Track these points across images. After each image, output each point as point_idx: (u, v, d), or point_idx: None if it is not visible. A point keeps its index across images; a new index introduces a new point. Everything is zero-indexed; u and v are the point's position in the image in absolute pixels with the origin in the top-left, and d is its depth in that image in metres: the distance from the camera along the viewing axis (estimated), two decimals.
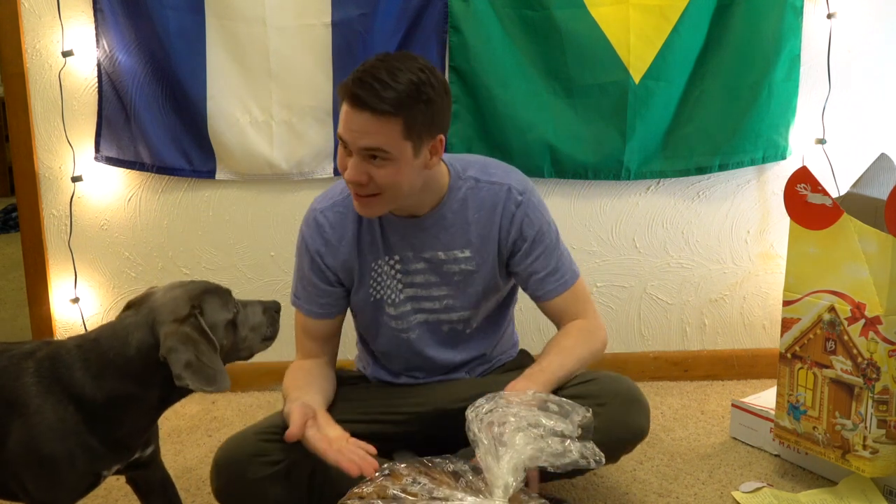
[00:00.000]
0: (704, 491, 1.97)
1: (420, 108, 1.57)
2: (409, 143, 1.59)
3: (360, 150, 1.58)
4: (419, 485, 1.48)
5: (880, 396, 1.82)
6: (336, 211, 1.79)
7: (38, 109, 2.49)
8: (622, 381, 1.73)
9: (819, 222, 1.89)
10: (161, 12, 2.38)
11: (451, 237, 1.76)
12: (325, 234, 1.79)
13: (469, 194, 1.76)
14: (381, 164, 1.58)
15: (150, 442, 1.60)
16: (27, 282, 2.58)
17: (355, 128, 1.57)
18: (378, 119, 1.54)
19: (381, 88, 1.53)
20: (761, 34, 2.43)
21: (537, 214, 1.78)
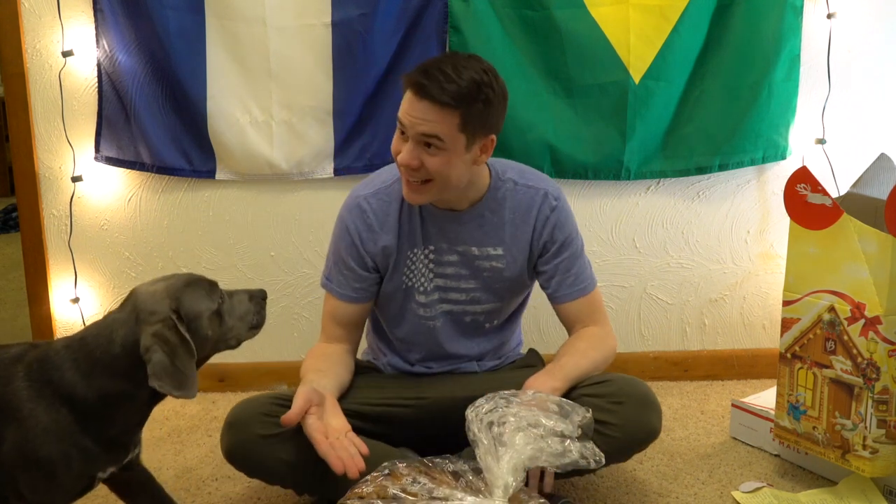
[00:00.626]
0: (704, 491, 1.97)
1: (478, 106, 1.66)
2: (463, 137, 1.67)
3: (417, 136, 1.66)
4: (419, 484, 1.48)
5: (880, 396, 1.82)
6: (379, 198, 1.85)
7: (38, 109, 2.49)
8: (637, 382, 1.79)
9: (819, 222, 1.89)
10: (161, 12, 2.38)
11: (486, 234, 1.84)
12: (367, 220, 1.84)
13: (507, 195, 1.85)
14: (434, 153, 1.67)
15: (139, 442, 1.61)
16: (27, 282, 2.57)
17: (416, 114, 1.64)
18: (438, 109, 1.63)
19: (445, 81, 1.62)
20: (761, 34, 2.43)
21: (568, 221, 1.89)
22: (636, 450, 1.80)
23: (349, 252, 1.85)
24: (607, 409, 1.70)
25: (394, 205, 1.84)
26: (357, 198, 1.87)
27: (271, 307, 2.58)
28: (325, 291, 1.92)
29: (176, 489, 2.03)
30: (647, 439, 1.77)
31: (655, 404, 1.77)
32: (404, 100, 1.68)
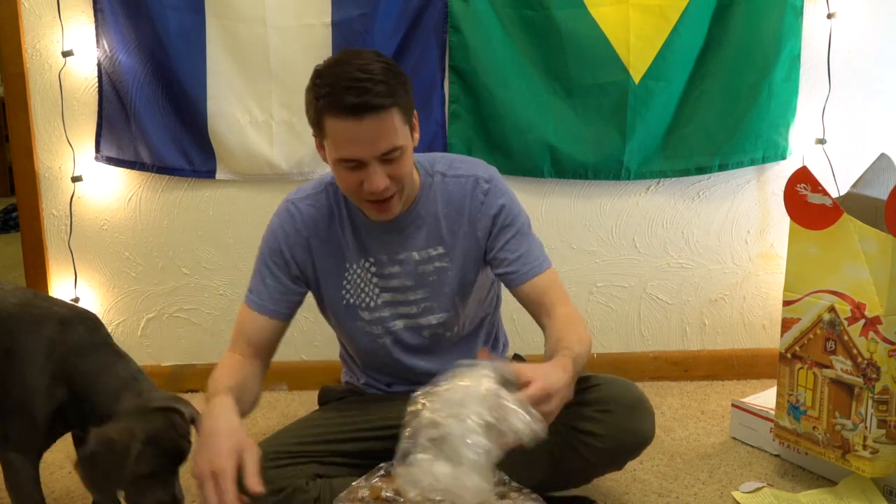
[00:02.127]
0: (704, 491, 1.97)
1: (401, 89, 1.55)
2: (407, 128, 1.58)
3: (378, 157, 1.53)
4: None
5: (880, 396, 1.82)
6: (308, 204, 1.74)
7: (38, 109, 2.49)
8: (626, 385, 1.68)
9: (819, 222, 1.89)
10: (161, 12, 2.38)
11: (425, 236, 1.73)
12: (295, 225, 1.73)
13: (438, 189, 1.73)
14: (397, 161, 1.56)
15: None
16: (27, 282, 2.57)
17: (366, 136, 1.51)
18: (383, 118, 1.51)
19: (372, 86, 1.49)
20: (761, 34, 2.43)
21: (506, 199, 1.74)
22: (629, 458, 1.70)
23: (273, 257, 1.73)
24: (595, 418, 1.60)
25: (322, 211, 1.73)
26: (286, 202, 1.76)
27: None
28: (243, 305, 1.79)
29: None
30: (640, 446, 1.66)
31: (647, 407, 1.64)
32: (334, 131, 1.52)
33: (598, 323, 2.66)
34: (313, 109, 1.56)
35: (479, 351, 1.77)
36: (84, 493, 1.99)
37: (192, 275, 2.60)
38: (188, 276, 2.60)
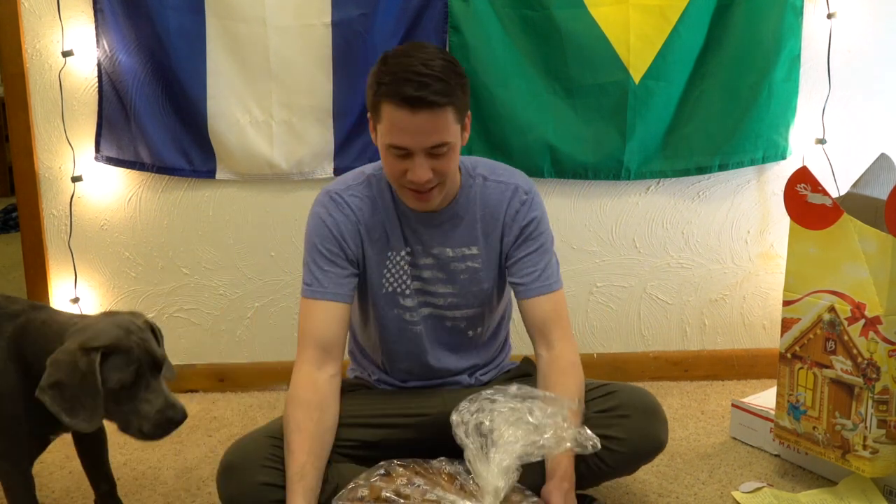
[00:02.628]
0: (704, 491, 1.97)
1: (459, 89, 1.61)
2: (458, 126, 1.63)
3: (426, 150, 1.59)
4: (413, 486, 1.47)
5: (880, 396, 1.82)
6: (352, 194, 1.77)
7: (38, 109, 2.49)
8: (642, 393, 1.75)
9: (819, 222, 1.89)
10: (161, 12, 2.38)
11: (461, 234, 1.77)
12: (344, 211, 1.75)
13: (478, 191, 1.78)
14: (443, 157, 1.61)
15: None
16: (27, 282, 2.57)
17: (418, 129, 1.56)
18: (437, 114, 1.56)
19: (432, 82, 1.54)
20: (761, 34, 2.43)
21: (539, 213, 1.80)
22: (643, 462, 1.76)
23: (327, 244, 1.73)
24: (613, 423, 1.67)
25: (366, 202, 1.76)
26: (328, 192, 1.78)
27: (271, 307, 2.61)
28: (305, 302, 1.75)
29: (176, 489, 2.03)
30: (655, 451, 1.73)
31: (661, 415, 1.72)
32: (389, 118, 1.57)
33: (598, 323, 2.66)
34: (373, 93, 1.61)
35: None
36: (84, 493, 2.00)
37: (192, 275, 2.60)
38: (188, 276, 2.60)
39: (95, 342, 1.48)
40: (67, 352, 1.47)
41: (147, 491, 2.02)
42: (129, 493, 1.98)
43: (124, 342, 1.51)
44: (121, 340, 1.50)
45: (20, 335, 1.56)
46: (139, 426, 1.52)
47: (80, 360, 1.46)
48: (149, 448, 2.24)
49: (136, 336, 1.53)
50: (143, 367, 1.52)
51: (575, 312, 2.64)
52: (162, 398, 1.52)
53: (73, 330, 1.52)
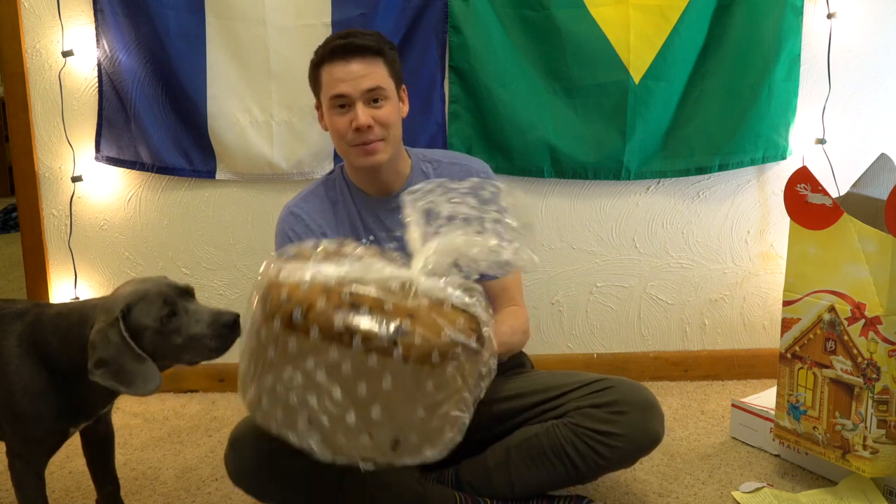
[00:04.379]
0: (704, 491, 1.97)
1: (390, 52, 1.78)
2: (392, 83, 1.77)
3: (363, 94, 1.72)
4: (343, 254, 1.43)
5: (880, 396, 1.82)
6: (308, 201, 1.87)
7: (38, 109, 2.49)
8: (638, 388, 1.76)
9: (819, 222, 1.89)
10: (161, 12, 2.38)
11: None
12: (306, 222, 1.83)
13: (433, 173, 1.86)
14: (381, 105, 1.75)
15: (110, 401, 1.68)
16: (27, 282, 2.58)
17: (353, 75, 1.72)
18: (368, 61, 1.73)
19: (361, 36, 1.74)
20: (761, 34, 2.43)
21: None
22: (641, 455, 1.77)
23: None
24: (610, 419, 1.69)
25: (325, 203, 1.85)
26: (287, 208, 1.87)
27: None
28: None
29: (176, 489, 2.03)
30: (652, 445, 1.75)
31: (658, 409, 1.74)
32: (328, 76, 1.74)
33: (597, 323, 2.66)
34: (311, 69, 1.79)
35: None
36: (84, 492, 2.00)
37: (192, 275, 2.60)
38: (188, 276, 2.60)
39: (115, 310, 1.49)
40: (97, 331, 1.49)
41: (147, 491, 2.02)
42: (129, 493, 1.98)
43: (139, 292, 1.52)
44: (135, 293, 1.52)
45: (33, 331, 1.56)
46: (204, 346, 1.52)
47: (110, 333, 1.47)
48: (149, 448, 2.24)
49: (150, 282, 1.55)
50: (170, 298, 1.52)
51: (575, 312, 2.64)
52: (207, 312, 1.54)
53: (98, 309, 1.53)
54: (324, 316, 1.28)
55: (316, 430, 1.34)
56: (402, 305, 1.32)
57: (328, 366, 1.30)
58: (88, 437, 1.77)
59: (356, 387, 1.30)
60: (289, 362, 1.32)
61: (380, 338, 1.27)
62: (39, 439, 1.59)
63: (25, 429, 1.57)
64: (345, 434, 1.33)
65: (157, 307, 1.51)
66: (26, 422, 1.56)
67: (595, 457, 1.70)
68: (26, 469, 1.61)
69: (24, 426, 1.56)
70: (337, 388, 1.30)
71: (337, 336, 1.28)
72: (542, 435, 1.73)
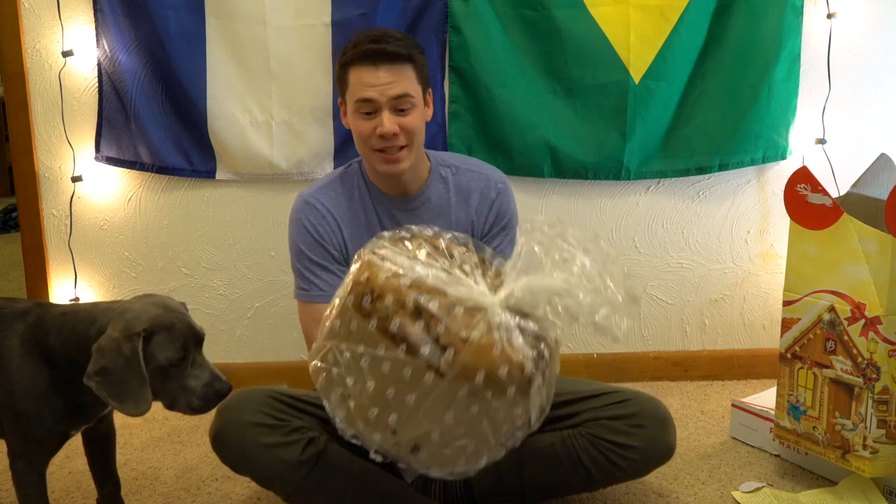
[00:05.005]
0: (704, 491, 1.97)
1: (419, 56, 1.75)
2: (420, 89, 1.75)
3: (390, 101, 1.70)
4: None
5: (880, 396, 1.82)
6: (325, 193, 1.85)
7: (38, 109, 2.49)
8: (655, 402, 1.78)
9: (819, 222, 1.89)
10: (161, 12, 2.38)
11: (435, 219, 1.82)
12: (321, 213, 1.83)
13: (451, 179, 1.86)
14: (407, 112, 1.73)
15: None
16: (27, 282, 2.57)
17: (381, 81, 1.69)
18: (397, 67, 1.70)
19: (391, 40, 1.70)
20: (761, 34, 2.43)
21: (512, 205, 1.89)
22: (655, 468, 1.80)
23: (313, 250, 1.81)
24: (629, 432, 1.70)
25: (341, 196, 1.84)
26: (301, 197, 1.85)
27: (271, 307, 2.61)
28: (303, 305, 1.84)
29: (176, 489, 2.03)
30: (667, 458, 1.77)
31: (672, 422, 1.77)
32: (356, 79, 1.71)
33: None
34: (339, 68, 1.76)
35: None
36: (84, 492, 2.00)
37: (192, 275, 2.60)
38: (188, 276, 2.60)
39: (137, 326, 1.49)
40: (111, 338, 1.48)
41: (147, 491, 2.02)
42: (129, 493, 1.98)
43: (165, 320, 1.52)
44: (161, 319, 1.51)
45: (36, 330, 1.56)
46: (188, 402, 1.53)
47: (124, 346, 1.47)
48: (149, 448, 2.24)
49: (176, 312, 1.55)
50: (188, 343, 1.53)
51: None
52: (208, 371, 1.54)
53: (112, 315, 1.52)
54: (385, 312, 1.31)
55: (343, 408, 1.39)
56: (458, 331, 1.31)
57: (373, 358, 1.33)
58: (90, 437, 1.77)
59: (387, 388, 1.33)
60: (346, 338, 1.37)
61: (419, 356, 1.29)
62: (40, 439, 1.58)
63: (26, 429, 1.56)
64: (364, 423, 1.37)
65: (177, 347, 1.51)
66: (27, 422, 1.56)
67: (611, 468, 1.71)
68: (27, 469, 1.61)
69: (25, 426, 1.56)
70: (372, 381, 1.34)
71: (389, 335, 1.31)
72: (558, 444, 1.74)
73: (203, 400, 1.53)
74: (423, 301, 1.31)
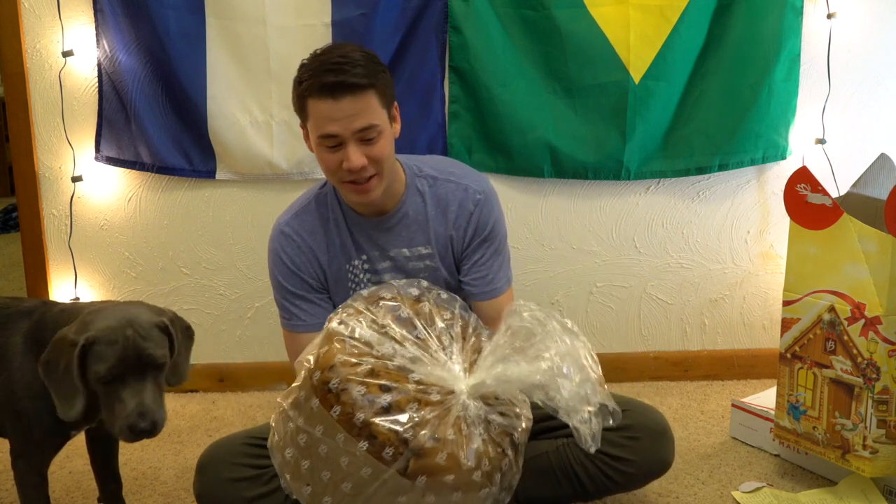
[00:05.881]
0: (704, 491, 1.97)
1: (382, 77, 1.65)
2: (385, 112, 1.66)
3: (354, 134, 1.61)
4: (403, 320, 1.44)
5: (880, 396, 1.82)
6: (300, 219, 1.81)
7: (38, 109, 2.49)
8: (652, 412, 1.75)
9: (819, 222, 1.89)
10: (161, 12, 2.38)
11: (413, 234, 1.79)
12: (296, 243, 1.79)
13: (428, 191, 1.79)
14: (374, 141, 1.63)
15: None
16: (27, 282, 2.57)
17: (344, 115, 1.60)
18: (359, 97, 1.60)
19: (350, 68, 1.58)
20: (761, 34, 2.43)
21: (494, 215, 1.81)
22: (650, 481, 1.79)
23: (290, 281, 1.79)
24: (623, 444, 1.68)
25: (316, 221, 1.79)
26: (278, 226, 1.82)
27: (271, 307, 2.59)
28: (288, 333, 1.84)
29: (176, 489, 2.03)
30: (662, 472, 1.76)
31: (669, 435, 1.74)
32: (316, 112, 1.61)
33: (597, 323, 2.66)
34: (297, 95, 1.66)
35: None
36: (84, 492, 2.00)
37: (192, 275, 2.60)
38: (188, 276, 2.60)
39: (83, 333, 1.46)
40: (62, 336, 1.47)
41: (147, 491, 2.02)
42: (129, 493, 1.98)
43: (111, 335, 1.45)
44: (108, 333, 1.45)
45: (38, 328, 1.55)
46: (111, 424, 1.47)
47: (66, 349, 1.45)
48: (149, 448, 2.24)
49: (130, 330, 1.46)
50: (125, 365, 1.44)
51: (575, 312, 2.64)
52: (135, 402, 1.43)
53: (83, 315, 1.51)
54: (351, 406, 1.34)
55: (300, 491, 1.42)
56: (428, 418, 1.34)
57: (330, 446, 1.36)
58: (92, 436, 1.77)
59: (342, 482, 1.35)
60: (303, 413, 1.39)
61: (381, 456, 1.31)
62: (40, 439, 1.58)
63: (27, 428, 1.56)
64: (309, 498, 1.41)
65: (111, 363, 1.44)
66: (27, 421, 1.55)
67: (604, 479, 1.70)
68: (28, 469, 1.60)
69: (26, 425, 1.56)
70: (328, 472, 1.37)
71: (354, 429, 1.33)
72: (551, 453, 1.73)
73: (121, 430, 1.44)
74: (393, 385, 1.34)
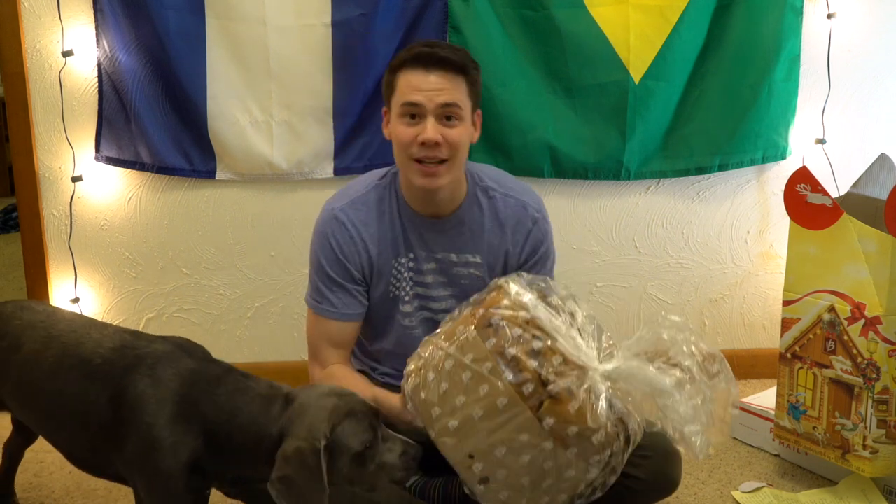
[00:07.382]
0: (704, 491, 1.97)
1: (474, 71, 1.69)
2: (469, 104, 1.69)
3: (437, 109, 1.64)
4: None
5: (880, 396, 1.82)
6: (356, 208, 1.79)
7: (38, 109, 2.49)
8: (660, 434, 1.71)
9: (819, 222, 1.89)
10: (161, 12, 2.38)
11: (466, 241, 1.79)
12: (349, 232, 1.77)
13: (487, 203, 1.80)
14: (454, 124, 1.66)
15: None
16: (27, 282, 2.57)
17: (431, 86, 1.63)
18: (451, 76, 1.64)
19: (448, 48, 1.67)
20: (761, 34, 2.43)
21: (550, 235, 1.84)
22: (657, 500, 1.77)
23: (334, 268, 1.77)
24: (634, 462, 1.64)
25: (372, 213, 1.78)
26: (332, 210, 1.79)
27: (271, 307, 2.61)
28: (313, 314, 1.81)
29: None
30: (670, 491, 1.75)
31: (678, 455, 1.73)
32: (404, 83, 1.65)
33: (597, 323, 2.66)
34: (388, 73, 1.70)
35: None
36: (84, 492, 2.00)
37: (192, 275, 2.60)
38: (188, 276, 2.60)
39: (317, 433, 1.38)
40: (296, 450, 1.37)
41: None
42: (129, 493, 1.98)
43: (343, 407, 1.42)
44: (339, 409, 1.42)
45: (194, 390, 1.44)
46: (391, 477, 1.45)
47: (309, 458, 1.37)
48: None
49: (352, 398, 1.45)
50: (374, 421, 1.44)
51: None
52: (398, 442, 1.46)
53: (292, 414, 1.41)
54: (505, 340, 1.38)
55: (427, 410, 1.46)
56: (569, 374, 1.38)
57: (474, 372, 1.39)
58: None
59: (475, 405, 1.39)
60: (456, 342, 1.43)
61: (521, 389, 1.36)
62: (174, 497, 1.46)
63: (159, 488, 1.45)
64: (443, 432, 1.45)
65: (364, 429, 1.42)
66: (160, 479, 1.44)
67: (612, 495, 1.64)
68: None
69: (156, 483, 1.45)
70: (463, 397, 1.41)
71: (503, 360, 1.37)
72: None
73: (404, 470, 1.45)
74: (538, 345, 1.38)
